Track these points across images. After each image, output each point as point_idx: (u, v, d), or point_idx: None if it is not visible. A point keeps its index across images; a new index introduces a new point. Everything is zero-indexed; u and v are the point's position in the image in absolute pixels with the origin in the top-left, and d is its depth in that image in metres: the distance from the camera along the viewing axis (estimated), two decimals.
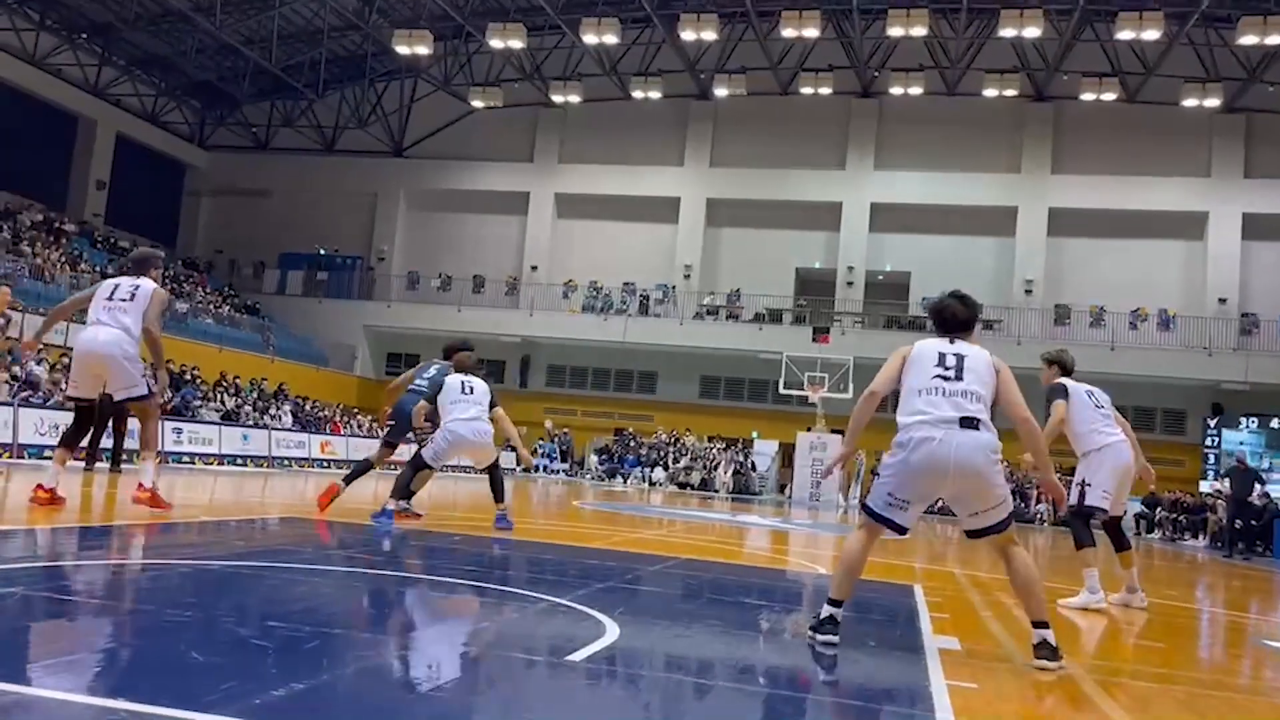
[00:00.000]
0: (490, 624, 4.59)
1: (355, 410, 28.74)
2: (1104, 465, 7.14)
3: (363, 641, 3.80)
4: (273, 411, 22.45)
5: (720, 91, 31.66)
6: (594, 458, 30.51)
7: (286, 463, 19.87)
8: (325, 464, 20.88)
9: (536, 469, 29.67)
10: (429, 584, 5.61)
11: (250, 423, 20.51)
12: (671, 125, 33.56)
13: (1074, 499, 7.11)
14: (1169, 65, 27.78)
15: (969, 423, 4.44)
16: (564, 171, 34.49)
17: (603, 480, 28.68)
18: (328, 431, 23.81)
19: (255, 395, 23.13)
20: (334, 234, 35.43)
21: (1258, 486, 18.85)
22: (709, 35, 27.85)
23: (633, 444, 30.50)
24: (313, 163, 35.32)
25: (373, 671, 3.31)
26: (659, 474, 28.58)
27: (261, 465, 18.95)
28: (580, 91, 32.31)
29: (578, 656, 3.71)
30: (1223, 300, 29.00)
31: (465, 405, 8.67)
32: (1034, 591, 4.50)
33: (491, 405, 8.86)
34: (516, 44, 29.13)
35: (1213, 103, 28.35)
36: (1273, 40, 24.60)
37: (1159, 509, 25.33)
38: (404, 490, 8.88)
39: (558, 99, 32.86)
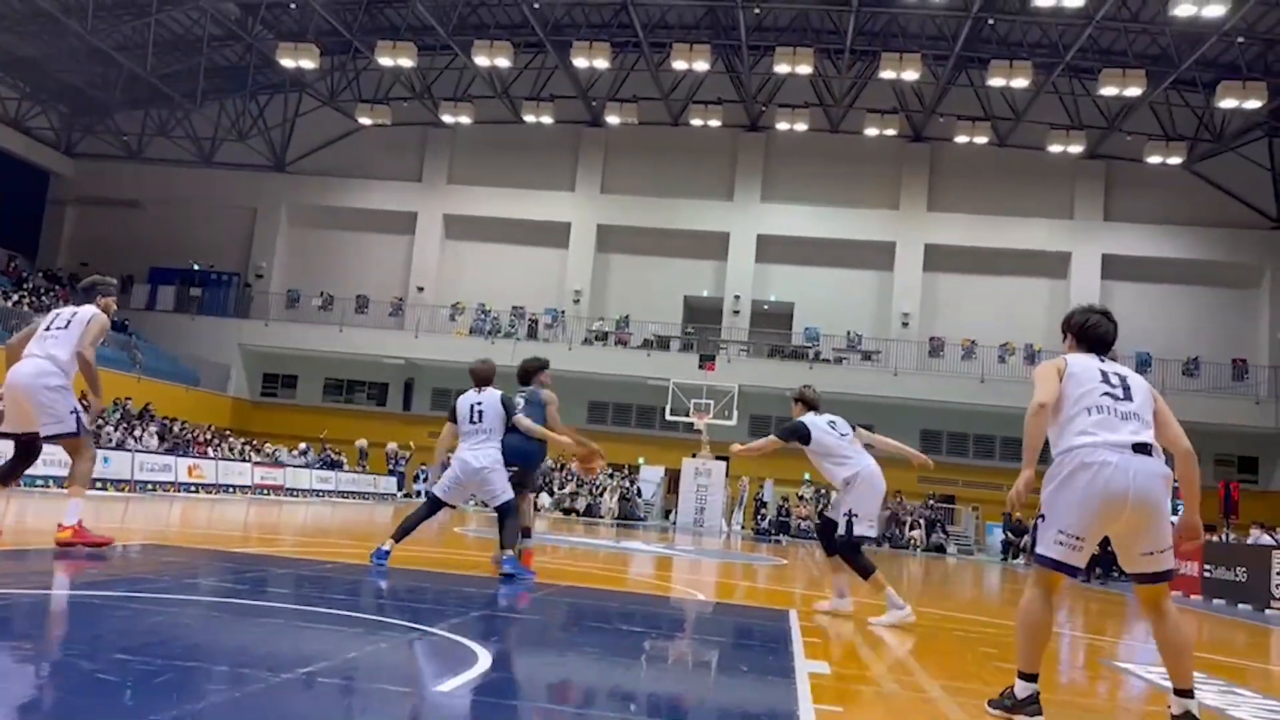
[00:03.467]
0: (357, 655, 4.45)
1: (228, 432, 27.65)
2: (868, 493, 7.57)
3: (219, 675, 3.63)
4: (137, 433, 21.42)
5: (612, 119, 31.95)
6: None
7: (150, 487, 18.95)
8: (193, 488, 19.99)
9: (418, 494, 29.04)
10: (295, 614, 5.41)
11: (111, 444, 19.50)
12: (563, 150, 33.66)
13: (842, 530, 7.36)
14: (1036, 112, 29.33)
15: (1143, 448, 3.89)
16: (453, 192, 34.16)
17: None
18: (195, 454, 22.83)
19: (118, 415, 22.04)
20: (209, 249, 34.17)
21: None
22: (601, 63, 28.10)
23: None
24: (188, 175, 34.05)
25: (230, 708, 3.16)
26: (544, 499, 28.35)
27: (123, 489, 18.01)
28: (471, 113, 32.13)
29: (446, 687, 3.63)
30: None
31: (470, 434, 7.91)
32: (1185, 656, 3.91)
33: (510, 414, 7.94)
34: (406, 63, 28.79)
35: (1076, 149, 30.03)
36: (1131, 92, 26.24)
37: (1024, 536, 26.42)
38: (406, 531, 8.01)
39: (448, 119, 32.59)
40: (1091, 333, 4.26)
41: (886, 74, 26.88)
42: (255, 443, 27.08)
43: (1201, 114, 28.31)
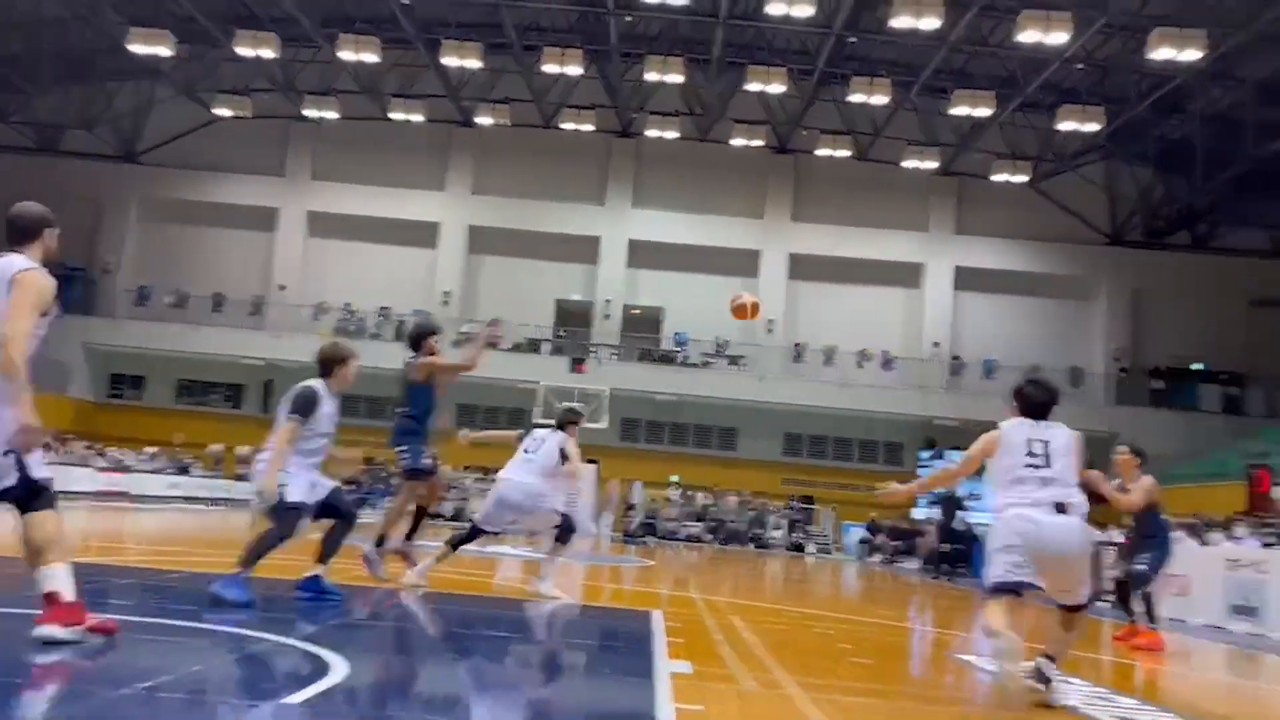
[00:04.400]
0: (202, 668, 4.28)
1: (68, 435, 26.04)
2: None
3: (51, 693, 3.43)
4: None
5: (483, 120, 31.61)
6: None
7: None
8: None
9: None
10: (137, 626, 5.15)
11: None
12: (433, 150, 33.11)
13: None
14: (894, 129, 30.53)
15: (1060, 508, 4.75)
16: (318, 189, 33.12)
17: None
18: None
19: None
20: None
21: (959, 514, 20.88)
22: (472, 63, 27.77)
23: (383, 475, 29.52)
24: (27, 163, 31.80)
25: None
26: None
27: None
28: (337, 108, 31.23)
29: (297, 698, 3.53)
30: (936, 344, 32.01)
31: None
32: (1067, 645, 5.00)
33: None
34: (268, 53, 27.76)
35: (930, 165, 31.41)
36: (981, 112, 27.59)
37: (879, 534, 27.48)
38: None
39: (311, 114, 31.59)
40: (1025, 403, 5.16)
41: (753, 86, 27.48)
42: (98, 447, 25.61)
43: (1044, 135, 30.05)
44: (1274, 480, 21.68)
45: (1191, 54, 21.96)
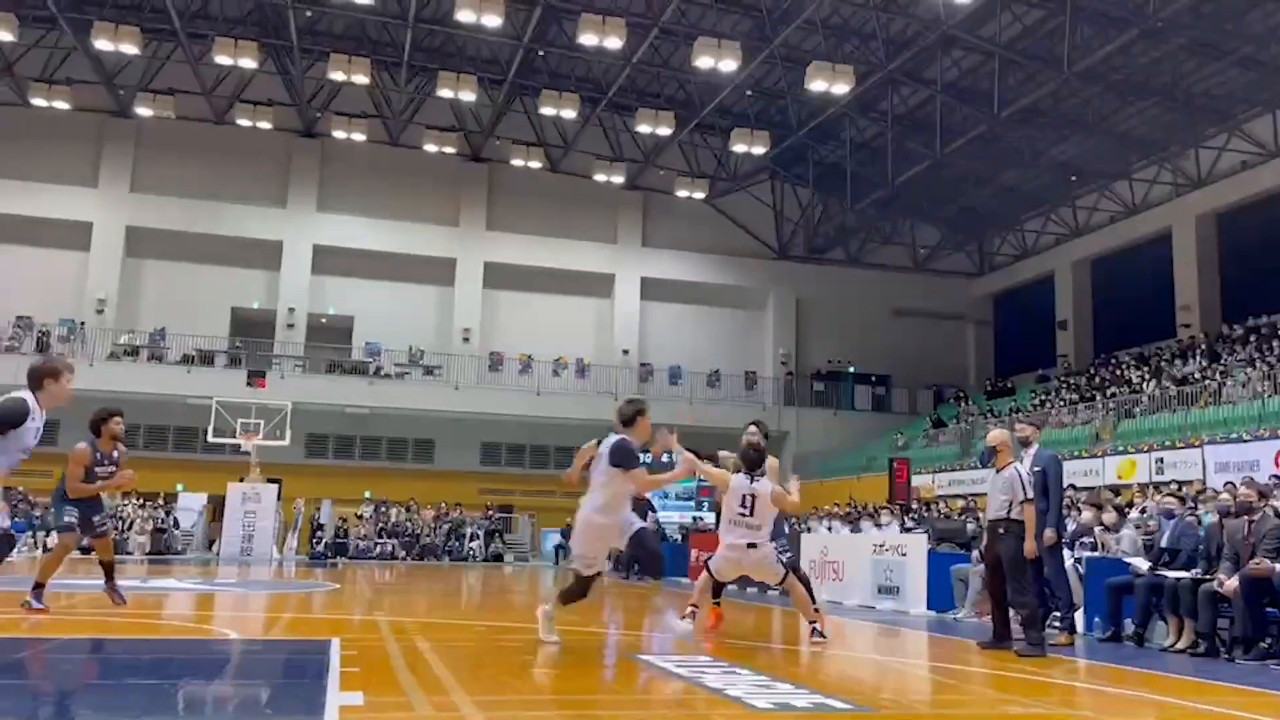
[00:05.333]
0: None
1: None
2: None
3: None
4: None
5: (144, 110, 28.88)
6: None
7: None
8: None
9: None
10: None
11: None
12: (84, 142, 29.79)
13: None
14: (584, 143, 31.40)
15: (753, 545, 7.78)
16: None
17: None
18: None
19: None
20: None
21: (649, 514, 21.67)
22: (130, 49, 25.28)
23: (21, 504, 26.04)
24: None
25: None
26: (54, 538, 24.73)
27: None
28: None
29: None
30: (626, 351, 33.24)
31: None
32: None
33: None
34: None
35: (618, 179, 32.60)
36: (663, 131, 29.00)
37: None
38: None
39: None
40: (745, 460, 7.95)
41: (444, 93, 27.16)
42: None
43: (719, 155, 32.14)
44: (911, 470, 24.49)
45: (841, 87, 24.32)
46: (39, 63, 27.65)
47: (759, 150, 29.13)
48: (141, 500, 26.70)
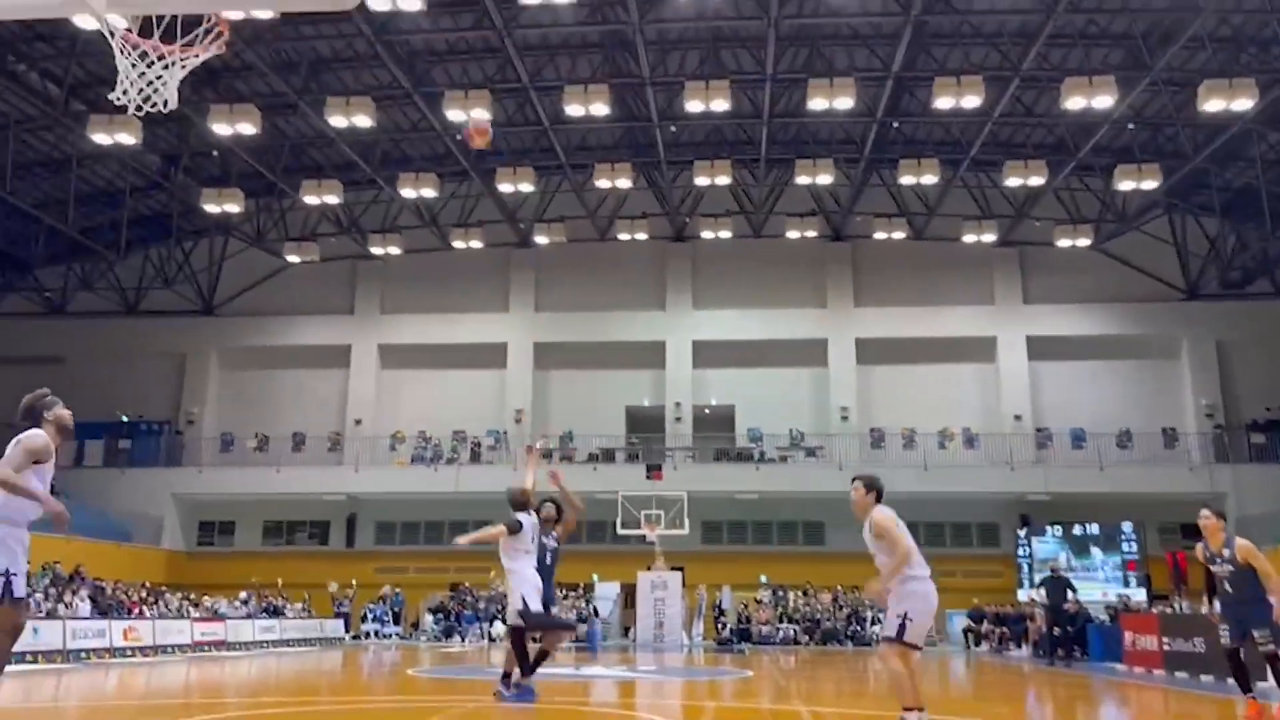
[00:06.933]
0: None
1: (163, 588, 26.52)
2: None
3: None
4: (67, 599, 20.41)
5: (540, 239, 32.38)
6: (429, 616, 29.20)
7: (84, 655, 17.99)
8: (129, 652, 19.01)
9: (367, 635, 28.09)
10: None
11: (41, 613, 18.53)
12: (494, 273, 33.93)
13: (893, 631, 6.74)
14: (948, 205, 30.44)
15: None
16: (386, 322, 34.07)
17: (439, 640, 27.39)
18: (130, 615, 21.79)
19: (48, 581, 21.03)
20: (137, 399, 33.37)
21: (1069, 593, 19.91)
22: (526, 187, 28.62)
23: (469, 599, 29.39)
24: (113, 325, 33.48)
25: None
26: (499, 628, 27.54)
27: (54, 660, 17.07)
28: (400, 243, 32.30)
29: None
30: (1018, 417, 31.16)
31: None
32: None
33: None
34: (332, 199, 28.99)
35: (989, 237, 31.13)
36: (1035, 181, 27.35)
37: (984, 621, 26.37)
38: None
39: (377, 251, 32.70)
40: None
41: (802, 179, 27.76)
42: (193, 596, 25.98)
43: (1103, 196, 29.68)
44: None
45: (1243, 103, 21.67)
46: (455, 211, 32.06)
47: (1150, 185, 26.56)
48: (564, 591, 29.05)
